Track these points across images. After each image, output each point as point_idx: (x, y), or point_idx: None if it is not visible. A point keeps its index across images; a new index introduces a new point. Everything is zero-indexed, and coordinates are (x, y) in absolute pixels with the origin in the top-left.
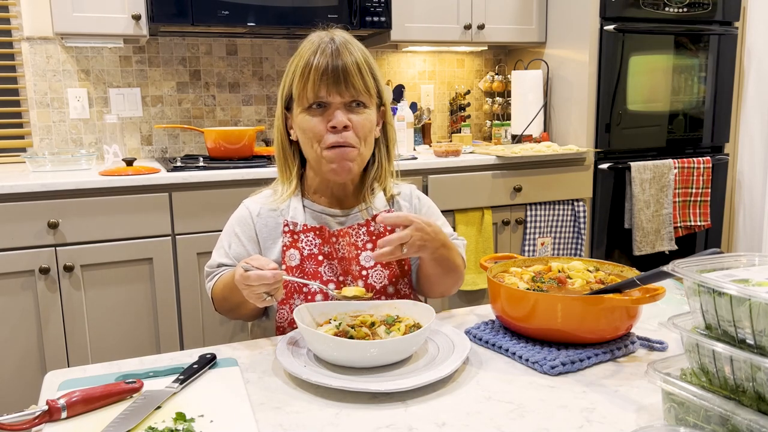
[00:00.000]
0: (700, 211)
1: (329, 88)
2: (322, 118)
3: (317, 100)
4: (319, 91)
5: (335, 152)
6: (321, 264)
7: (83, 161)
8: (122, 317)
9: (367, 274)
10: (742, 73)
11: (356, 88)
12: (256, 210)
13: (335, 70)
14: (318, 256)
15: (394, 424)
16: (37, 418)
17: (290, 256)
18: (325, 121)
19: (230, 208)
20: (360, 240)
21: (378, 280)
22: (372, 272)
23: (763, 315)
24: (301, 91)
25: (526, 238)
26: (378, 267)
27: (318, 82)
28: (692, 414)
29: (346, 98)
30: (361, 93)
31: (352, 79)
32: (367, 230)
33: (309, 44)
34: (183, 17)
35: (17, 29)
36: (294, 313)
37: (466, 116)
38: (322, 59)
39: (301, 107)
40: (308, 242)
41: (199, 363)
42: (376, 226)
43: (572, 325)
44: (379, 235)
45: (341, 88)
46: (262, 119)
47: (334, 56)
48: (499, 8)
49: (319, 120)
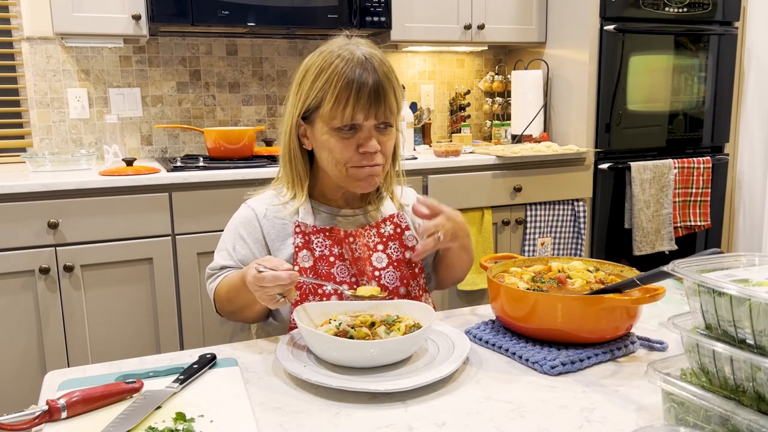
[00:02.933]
0: (700, 211)
1: (368, 112)
2: (352, 141)
3: (352, 122)
4: (356, 115)
5: (363, 171)
6: (333, 265)
7: (83, 161)
8: (122, 317)
9: (379, 275)
10: (742, 73)
11: (391, 111)
12: (262, 211)
13: (377, 95)
14: (330, 257)
15: (394, 424)
16: (37, 418)
17: (303, 257)
18: (354, 144)
19: (230, 208)
20: (371, 241)
21: (390, 281)
22: (384, 273)
23: (763, 315)
24: (335, 112)
25: (526, 238)
26: (390, 268)
27: (358, 106)
28: (692, 414)
29: (380, 120)
30: (394, 114)
31: (389, 102)
32: (378, 232)
33: (342, 60)
34: (183, 17)
35: (17, 29)
36: (294, 313)
37: (466, 116)
38: (363, 82)
39: (329, 127)
40: (319, 243)
41: (199, 363)
42: (386, 228)
43: (572, 325)
44: (389, 237)
45: (379, 112)
46: (262, 119)
47: (375, 81)
48: (499, 8)
49: (349, 143)
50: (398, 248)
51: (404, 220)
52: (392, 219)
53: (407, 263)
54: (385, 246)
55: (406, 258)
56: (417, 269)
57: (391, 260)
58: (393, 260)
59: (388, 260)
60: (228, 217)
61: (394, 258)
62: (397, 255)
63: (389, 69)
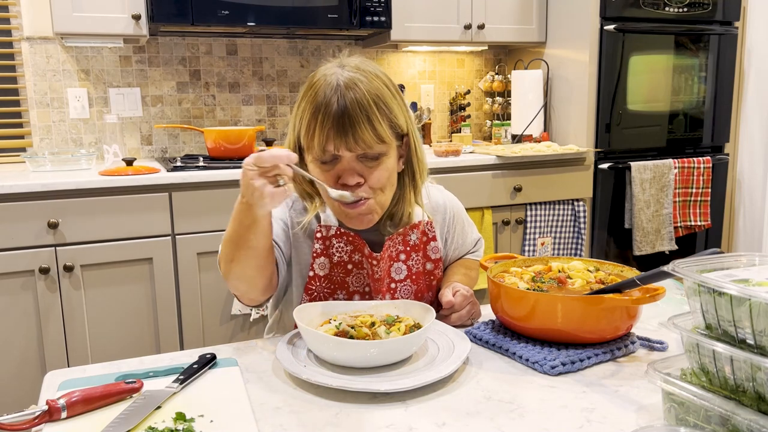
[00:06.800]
0: (700, 211)
1: (336, 143)
2: (332, 173)
3: (325, 156)
4: (326, 146)
5: (350, 208)
6: (350, 273)
7: (83, 161)
8: (122, 317)
9: (395, 288)
10: (742, 73)
11: (365, 142)
12: (289, 202)
13: (341, 125)
14: (348, 264)
15: (394, 424)
16: (37, 418)
17: (320, 265)
18: (335, 176)
19: (230, 208)
20: (395, 250)
21: (405, 295)
22: (401, 286)
23: (763, 315)
24: (308, 143)
25: (526, 238)
26: (407, 281)
27: (326, 138)
28: (692, 414)
29: (355, 152)
30: (371, 146)
31: (361, 134)
32: (404, 239)
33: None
34: (183, 17)
35: (17, 29)
36: (294, 313)
37: (466, 116)
38: (328, 112)
39: (312, 157)
40: (340, 248)
41: (199, 363)
42: (412, 237)
43: (572, 325)
44: (414, 247)
45: (349, 143)
46: (262, 119)
47: (339, 106)
48: (499, 8)
49: (329, 175)
50: (420, 259)
51: (432, 231)
52: (419, 226)
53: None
54: (407, 256)
55: (426, 270)
56: (434, 282)
57: (410, 273)
58: (412, 273)
59: (407, 272)
60: (228, 216)
61: (413, 270)
62: (417, 268)
63: (369, 94)
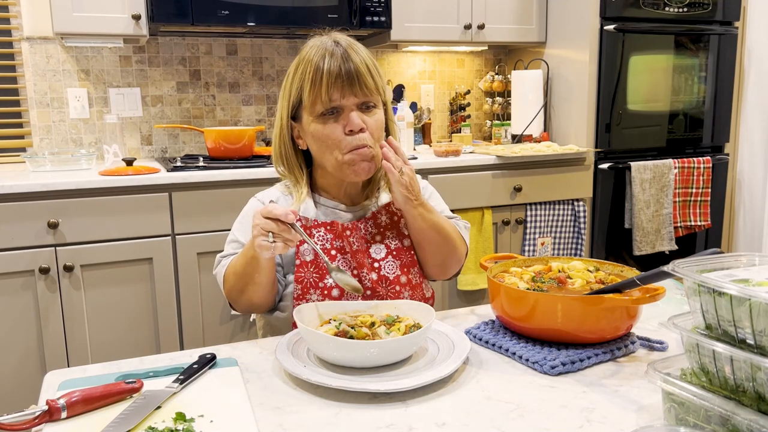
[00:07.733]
0: (700, 211)
1: (343, 90)
2: (337, 124)
3: (331, 104)
4: (332, 95)
5: (355, 154)
6: (335, 258)
7: (83, 161)
8: (122, 317)
9: (379, 266)
10: (742, 73)
11: (369, 88)
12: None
13: (348, 72)
14: (331, 250)
15: (394, 424)
16: (37, 418)
17: (304, 251)
18: (340, 126)
19: (230, 208)
20: (368, 233)
21: (391, 271)
22: (384, 263)
23: (763, 315)
24: (314, 97)
25: (526, 238)
26: (390, 258)
27: (332, 85)
28: (692, 414)
29: (360, 99)
30: (372, 93)
31: (365, 80)
32: (374, 223)
33: (314, 49)
34: (183, 17)
35: (17, 29)
36: (294, 313)
37: (466, 116)
38: (333, 62)
39: (313, 115)
40: (321, 237)
41: (199, 363)
42: (382, 218)
43: (572, 325)
44: (386, 226)
45: (355, 89)
46: (262, 119)
47: (344, 59)
48: (499, 8)
49: (335, 126)
50: (395, 237)
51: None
52: (388, 208)
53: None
54: (382, 236)
55: (404, 246)
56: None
57: (389, 250)
58: (392, 250)
59: (386, 250)
60: (228, 216)
61: (392, 247)
62: (395, 244)
63: (362, 50)
